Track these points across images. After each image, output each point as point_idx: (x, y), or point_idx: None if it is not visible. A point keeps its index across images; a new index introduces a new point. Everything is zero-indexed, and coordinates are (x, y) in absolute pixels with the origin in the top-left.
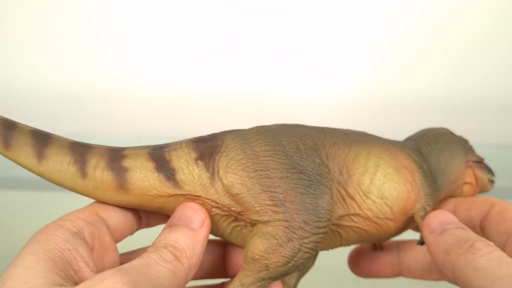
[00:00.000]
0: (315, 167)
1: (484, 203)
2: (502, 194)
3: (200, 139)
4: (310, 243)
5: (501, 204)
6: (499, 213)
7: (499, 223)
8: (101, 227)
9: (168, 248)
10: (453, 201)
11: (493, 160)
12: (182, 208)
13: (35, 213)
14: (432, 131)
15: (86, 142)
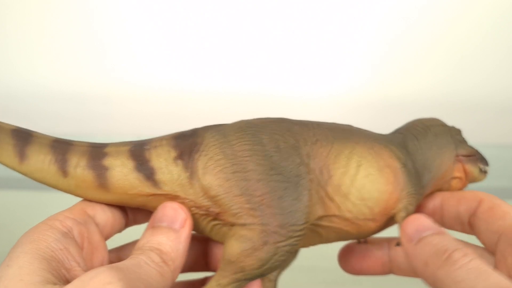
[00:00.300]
0: (294, 168)
1: (472, 199)
2: (502, 194)
3: (181, 135)
4: (286, 246)
5: (489, 200)
6: (488, 211)
7: (489, 221)
8: (89, 226)
9: (154, 251)
10: (440, 196)
11: (493, 160)
12: (163, 209)
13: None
14: (421, 123)
15: (68, 139)
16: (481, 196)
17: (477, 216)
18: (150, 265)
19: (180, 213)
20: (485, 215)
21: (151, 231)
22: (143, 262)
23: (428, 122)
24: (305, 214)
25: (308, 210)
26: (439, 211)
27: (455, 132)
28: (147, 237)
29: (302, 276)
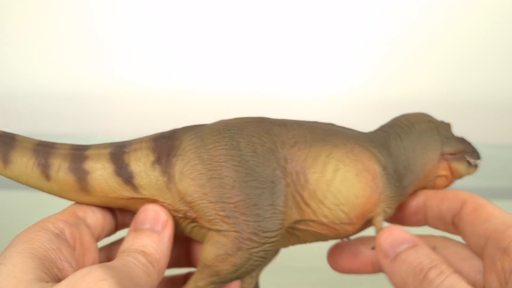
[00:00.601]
0: (270, 173)
1: (455, 199)
2: (502, 194)
3: (160, 136)
4: (259, 252)
5: (473, 200)
6: (472, 212)
7: (474, 224)
8: (81, 228)
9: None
10: (424, 194)
11: (493, 160)
12: (144, 211)
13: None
14: (406, 120)
15: (51, 142)
16: (464, 197)
17: (461, 218)
18: (137, 265)
19: (161, 215)
20: (469, 217)
21: (134, 234)
22: (131, 262)
23: (413, 118)
24: (280, 220)
25: (283, 216)
26: (422, 209)
27: (443, 127)
28: (131, 240)
29: (302, 276)
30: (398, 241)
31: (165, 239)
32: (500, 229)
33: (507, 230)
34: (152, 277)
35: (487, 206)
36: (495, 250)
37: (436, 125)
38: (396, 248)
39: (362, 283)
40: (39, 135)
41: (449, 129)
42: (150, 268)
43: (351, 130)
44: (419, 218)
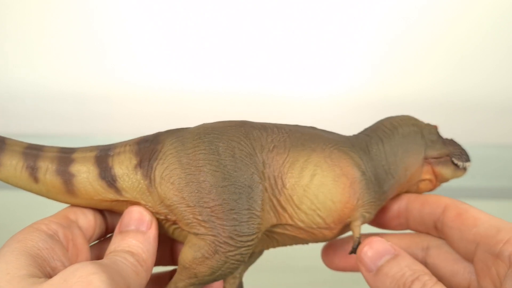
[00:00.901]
0: (247, 178)
1: (436, 204)
2: (502, 194)
3: (143, 140)
4: (236, 255)
5: (455, 205)
6: (457, 217)
7: (462, 229)
8: (73, 230)
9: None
10: (406, 198)
11: (493, 160)
12: (128, 213)
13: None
14: (389, 123)
15: (40, 145)
16: (445, 202)
17: (446, 224)
18: (125, 264)
19: (146, 216)
20: (456, 223)
21: (120, 236)
22: (119, 261)
23: (397, 122)
24: (257, 224)
25: (259, 220)
26: (404, 213)
27: (428, 131)
28: (117, 242)
29: (302, 276)
30: (379, 254)
31: (151, 239)
32: (490, 233)
33: (498, 234)
34: (140, 276)
35: (471, 210)
36: (487, 255)
37: (420, 128)
38: (377, 261)
39: (360, 282)
40: (39, 135)
41: (435, 132)
42: (138, 267)
43: (332, 134)
44: (401, 222)
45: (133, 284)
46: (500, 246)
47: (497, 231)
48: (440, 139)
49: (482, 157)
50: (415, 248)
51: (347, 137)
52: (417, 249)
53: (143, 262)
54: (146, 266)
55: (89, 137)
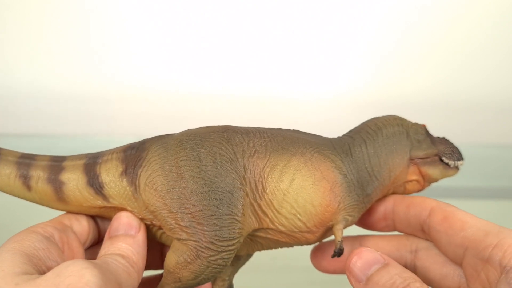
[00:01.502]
0: (228, 183)
1: (422, 206)
2: (503, 194)
3: (130, 147)
4: (217, 260)
5: (441, 208)
6: (444, 221)
7: (449, 233)
8: (69, 234)
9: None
10: (392, 199)
11: (493, 160)
12: (117, 219)
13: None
14: (374, 124)
15: (33, 154)
16: (431, 204)
17: (433, 227)
18: (117, 265)
19: (134, 220)
20: (443, 227)
21: (110, 241)
22: (110, 262)
23: (382, 122)
24: (237, 229)
25: (240, 225)
26: (390, 215)
27: (414, 131)
28: (107, 247)
29: (302, 276)
30: (368, 263)
31: (140, 242)
32: (478, 237)
33: (486, 238)
34: (132, 277)
35: (458, 213)
36: (477, 260)
37: (406, 128)
38: (367, 270)
39: None
40: (39, 135)
41: (422, 131)
42: (129, 268)
43: (314, 137)
44: (387, 223)
45: (124, 283)
46: (489, 250)
47: (485, 234)
48: (428, 139)
49: (482, 157)
50: (404, 251)
51: (330, 140)
52: (406, 252)
53: (134, 264)
54: (137, 267)
55: (89, 137)
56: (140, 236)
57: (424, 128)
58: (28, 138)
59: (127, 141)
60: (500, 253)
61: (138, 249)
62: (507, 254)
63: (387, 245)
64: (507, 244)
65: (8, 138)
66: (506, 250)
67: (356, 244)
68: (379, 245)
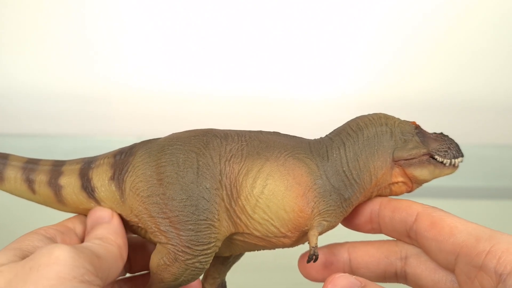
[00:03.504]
0: (203, 189)
1: (407, 211)
2: (503, 194)
3: (119, 153)
4: (195, 263)
5: (427, 213)
6: (431, 227)
7: (439, 240)
8: (71, 236)
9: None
10: (379, 201)
11: (493, 160)
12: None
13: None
14: (356, 124)
15: (37, 159)
16: (417, 209)
17: (421, 234)
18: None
19: (105, 210)
20: (431, 233)
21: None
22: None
23: (364, 122)
24: (213, 234)
25: (216, 230)
26: (376, 218)
27: (400, 130)
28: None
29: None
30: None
31: (115, 225)
32: (469, 243)
33: (478, 244)
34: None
35: (446, 219)
36: (470, 267)
37: (390, 128)
38: None
39: None
40: (39, 135)
41: (410, 130)
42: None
43: (292, 140)
44: (373, 226)
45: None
46: (482, 257)
47: (476, 240)
48: (417, 137)
49: (482, 157)
50: (394, 258)
51: (308, 142)
52: (396, 259)
53: (112, 241)
54: (116, 244)
55: (89, 137)
56: (114, 221)
57: (413, 126)
58: (28, 138)
59: (127, 141)
60: (494, 260)
61: (114, 229)
62: (502, 261)
63: (376, 252)
64: (500, 250)
65: (8, 138)
66: (500, 257)
67: (344, 251)
68: (368, 252)
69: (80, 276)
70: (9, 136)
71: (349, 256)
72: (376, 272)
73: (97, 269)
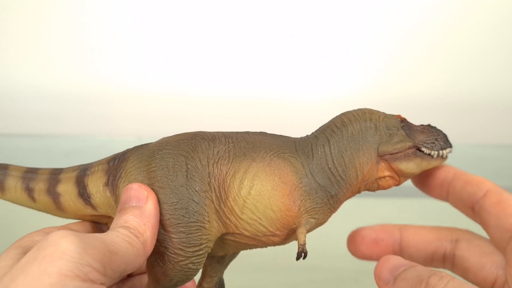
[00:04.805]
0: (192, 192)
1: (478, 186)
2: None
3: (113, 159)
4: (188, 264)
5: (496, 192)
6: (497, 204)
7: (499, 217)
8: None
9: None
10: (453, 171)
11: (493, 160)
12: (125, 192)
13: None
14: (340, 121)
15: (36, 168)
16: (487, 186)
17: (484, 208)
18: (117, 235)
19: (141, 191)
20: (495, 209)
21: (119, 214)
22: (110, 234)
23: (348, 119)
24: (204, 235)
25: (207, 231)
26: (446, 186)
27: (385, 125)
28: (116, 220)
29: (302, 276)
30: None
31: (148, 211)
32: None
33: None
34: (135, 247)
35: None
36: None
37: (375, 123)
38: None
39: (360, 281)
40: (39, 135)
41: (396, 124)
42: (133, 238)
43: (278, 139)
44: (442, 193)
45: (124, 252)
46: None
47: None
48: (402, 131)
49: (482, 157)
50: (444, 240)
51: (294, 141)
52: (446, 241)
53: (139, 235)
54: (143, 238)
55: (89, 137)
56: (148, 206)
57: (398, 119)
58: (28, 138)
59: (127, 141)
60: None
61: (145, 220)
62: None
63: (427, 234)
64: None
65: (8, 138)
66: None
67: (396, 230)
68: (420, 233)
69: (84, 275)
70: (9, 136)
71: (400, 235)
72: (425, 253)
73: (107, 266)
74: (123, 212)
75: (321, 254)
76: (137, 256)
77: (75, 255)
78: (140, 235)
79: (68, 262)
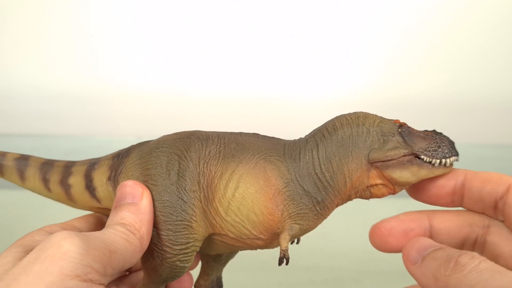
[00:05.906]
0: (181, 191)
1: (499, 182)
2: None
3: (118, 154)
4: (175, 261)
5: None
6: None
7: None
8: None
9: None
10: (463, 174)
11: (493, 160)
12: (120, 189)
13: (35, 213)
14: (332, 124)
15: (53, 160)
16: (508, 181)
17: (508, 204)
18: (114, 233)
19: (136, 188)
20: None
21: (114, 211)
22: (107, 231)
23: (340, 122)
24: (191, 234)
25: (193, 230)
26: (459, 190)
27: (379, 130)
28: (112, 217)
29: (302, 276)
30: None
31: (143, 208)
32: None
33: None
34: (133, 244)
35: None
36: None
37: (368, 128)
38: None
39: (360, 281)
40: (39, 135)
41: (393, 129)
42: (129, 235)
43: (268, 142)
44: (455, 199)
45: (122, 249)
46: None
47: None
48: (399, 137)
49: (482, 157)
50: (475, 226)
51: (283, 144)
52: (477, 227)
53: (136, 231)
54: (140, 235)
55: (89, 137)
56: (143, 203)
57: (396, 124)
58: (28, 138)
59: (127, 141)
60: None
61: (140, 216)
62: None
63: (457, 219)
64: None
65: (8, 138)
66: None
67: (424, 218)
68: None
69: (84, 275)
70: (9, 136)
71: (429, 222)
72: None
73: (107, 266)
74: (119, 209)
75: (321, 254)
76: (134, 253)
77: (76, 256)
78: (136, 231)
79: (69, 262)
